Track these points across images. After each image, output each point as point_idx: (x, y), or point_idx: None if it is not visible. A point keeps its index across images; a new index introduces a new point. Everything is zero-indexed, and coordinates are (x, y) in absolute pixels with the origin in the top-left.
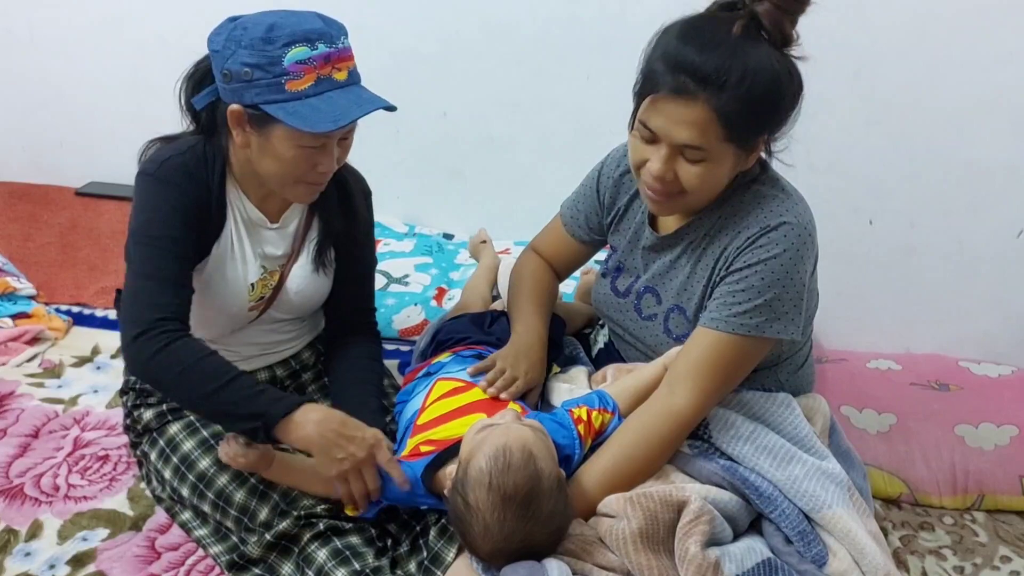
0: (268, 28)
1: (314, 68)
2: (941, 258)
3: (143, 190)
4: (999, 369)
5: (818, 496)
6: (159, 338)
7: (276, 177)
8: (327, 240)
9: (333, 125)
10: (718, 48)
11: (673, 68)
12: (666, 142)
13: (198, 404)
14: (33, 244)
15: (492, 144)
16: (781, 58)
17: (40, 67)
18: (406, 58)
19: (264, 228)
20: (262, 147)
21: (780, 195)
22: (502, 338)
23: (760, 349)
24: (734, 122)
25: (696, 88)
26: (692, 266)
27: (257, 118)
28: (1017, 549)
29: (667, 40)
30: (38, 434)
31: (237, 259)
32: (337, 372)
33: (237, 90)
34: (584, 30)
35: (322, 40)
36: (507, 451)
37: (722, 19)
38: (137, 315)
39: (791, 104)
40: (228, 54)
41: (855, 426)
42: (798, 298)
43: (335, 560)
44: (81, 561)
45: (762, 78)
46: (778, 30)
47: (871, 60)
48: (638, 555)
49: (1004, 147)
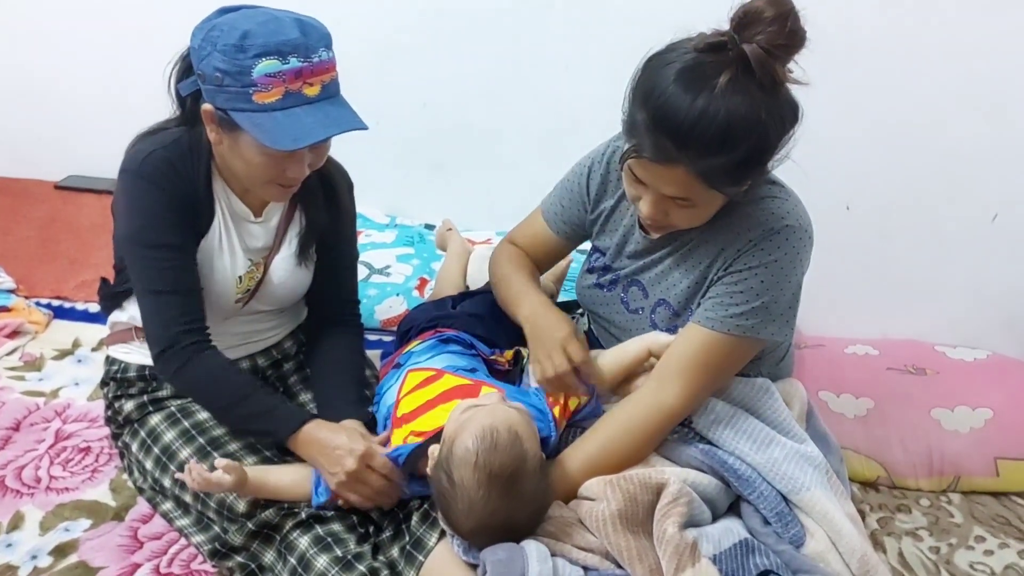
0: (242, 35)
1: (283, 82)
2: (917, 244)
3: (129, 189)
4: (974, 353)
5: (796, 478)
6: (179, 355)
7: (247, 178)
8: (311, 233)
9: (294, 145)
10: (701, 107)
11: (655, 128)
12: (653, 191)
13: (218, 417)
14: (13, 238)
15: (473, 135)
16: (770, 102)
17: (18, 60)
18: (386, 49)
19: (248, 221)
20: (232, 148)
21: (780, 195)
22: (470, 315)
23: (751, 349)
24: (716, 179)
25: (677, 154)
26: (676, 262)
27: (227, 121)
28: (991, 529)
29: (653, 85)
30: (19, 427)
31: (225, 253)
32: (318, 363)
33: (210, 91)
34: (563, 21)
35: (296, 54)
36: (494, 431)
37: (709, 66)
38: (155, 333)
39: (780, 142)
40: (204, 54)
41: (833, 410)
42: (793, 300)
43: (317, 547)
44: (63, 551)
45: (745, 137)
46: (768, 74)
47: (847, 49)
48: (617, 536)
49: (978, 134)
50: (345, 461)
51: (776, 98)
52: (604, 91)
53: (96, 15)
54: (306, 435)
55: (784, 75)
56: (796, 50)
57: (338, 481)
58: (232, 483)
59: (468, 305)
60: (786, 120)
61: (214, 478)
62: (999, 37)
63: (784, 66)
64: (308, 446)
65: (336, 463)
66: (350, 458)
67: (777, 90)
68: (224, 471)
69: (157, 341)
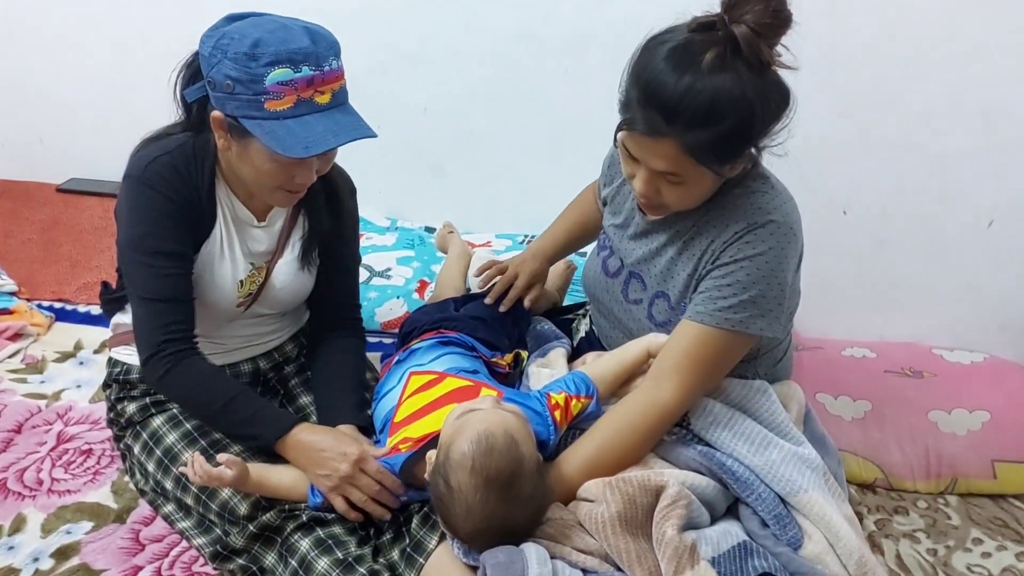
0: (253, 44)
1: (295, 90)
2: (914, 248)
3: (131, 196)
4: (971, 356)
5: (794, 480)
6: (163, 362)
7: (254, 184)
8: (314, 237)
9: (305, 152)
10: (688, 82)
11: (646, 103)
12: (645, 166)
13: (205, 422)
14: (14, 240)
15: (472, 139)
16: (757, 82)
17: (20, 64)
18: (387, 54)
19: (251, 226)
20: (241, 155)
21: (769, 192)
22: (472, 318)
23: (743, 345)
24: (703, 155)
25: (665, 128)
26: (677, 253)
27: (237, 128)
28: (989, 531)
29: (645, 63)
30: (21, 429)
31: (226, 257)
32: (319, 367)
33: (219, 99)
34: (562, 26)
35: (307, 63)
36: (489, 435)
37: (699, 44)
38: (144, 339)
39: (768, 124)
40: (214, 62)
41: (831, 413)
42: (781, 296)
43: (318, 549)
44: (65, 554)
45: (730, 112)
46: (755, 54)
47: (843, 54)
48: (616, 538)
49: (974, 138)
50: (338, 465)
51: (763, 78)
52: (601, 96)
53: (98, 19)
54: (294, 439)
55: (771, 56)
56: (783, 30)
57: (329, 485)
58: (233, 478)
59: (470, 308)
60: (773, 101)
61: (215, 472)
62: (995, 42)
63: (771, 47)
64: (296, 450)
65: (324, 466)
66: (344, 462)
67: (764, 71)
68: (226, 466)
69: (145, 347)
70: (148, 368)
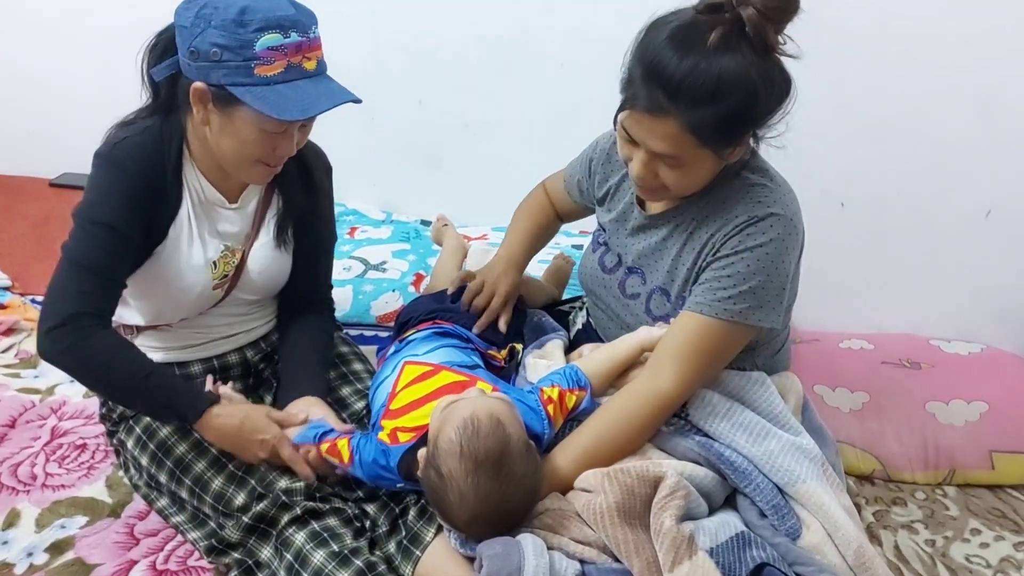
0: (240, 11)
1: (285, 56)
2: (911, 239)
3: (95, 171)
4: (969, 347)
5: (792, 471)
6: (74, 332)
7: (233, 157)
8: (288, 217)
9: (302, 115)
10: (693, 60)
11: (649, 80)
12: (644, 148)
13: (117, 399)
14: (7, 235)
15: (468, 131)
16: (761, 65)
17: (11, 58)
18: (382, 47)
19: (221, 208)
20: (223, 126)
21: (769, 184)
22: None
23: (743, 336)
24: (706, 135)
25: (668, 104)
26: (679, 249)
27: (222, 98)
28: (987, 522)
29: (650, 41)
30: (15, 424)
31: (195, 239)
32: (287, 343)
33: (203, 68)
34: (558, 19)
35: (295, 29)
36: (474, 419)
37: (704, 24)
38: (56, 306)
39: (770, 109)
40: (197, 32)
41: (828, 404)
42: (781, 288)
43: (313, 542)
44: (60, 548)
45: (734, 91)
46: (760, 37)
47: (840, 47)
48: (614, 529)
49: (970, 130)
50: (256, 452)
51: (767, 63)
52: (597, 89)
53: (89, 12)
54: (208, 420)
55: (776, 42)
56: (790, 15)
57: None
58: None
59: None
60: (777, 86)
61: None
62: (992, 32)
63: (777, 33)
64: (215, 431)
65: (247, 450)
66: (262, 450)
67: (769, 55)
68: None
69: (52, 315)
70: (54, 335)
